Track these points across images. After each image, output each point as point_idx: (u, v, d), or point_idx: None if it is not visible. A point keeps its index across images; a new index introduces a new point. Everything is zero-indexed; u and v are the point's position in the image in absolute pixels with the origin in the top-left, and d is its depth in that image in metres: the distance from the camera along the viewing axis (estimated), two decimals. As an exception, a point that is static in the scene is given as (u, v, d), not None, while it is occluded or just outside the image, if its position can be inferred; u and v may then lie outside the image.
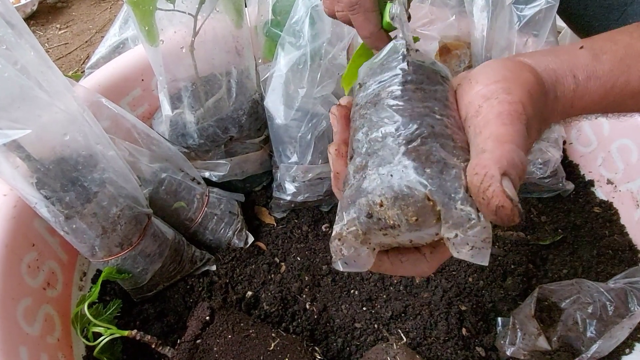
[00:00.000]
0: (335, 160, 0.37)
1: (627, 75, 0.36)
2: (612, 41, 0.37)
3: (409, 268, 0.35)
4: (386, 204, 0.29)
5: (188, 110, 0.74)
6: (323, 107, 0.73)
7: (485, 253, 0.29)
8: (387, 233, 0.30)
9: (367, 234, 0.31)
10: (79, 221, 0.59)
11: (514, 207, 0.27)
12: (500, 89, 0.32)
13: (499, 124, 0.30)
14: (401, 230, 0.30)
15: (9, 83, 0.48)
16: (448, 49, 0.83)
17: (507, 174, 0.28)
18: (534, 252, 0.79)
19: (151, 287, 0.71)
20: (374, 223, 0.30)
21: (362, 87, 0.37)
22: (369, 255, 0.32)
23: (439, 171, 0.29)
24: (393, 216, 0.29)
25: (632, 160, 0.80)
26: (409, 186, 0.29)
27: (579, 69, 0.36)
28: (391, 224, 0.29)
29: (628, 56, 0.36)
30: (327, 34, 0.67)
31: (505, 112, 0.31)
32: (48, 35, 1.64)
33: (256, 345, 0.60)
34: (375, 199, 0.29)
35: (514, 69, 0.34)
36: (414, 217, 0.29)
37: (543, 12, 0.68)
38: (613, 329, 0.62)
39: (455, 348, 0.66)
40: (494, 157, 0.28)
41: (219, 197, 0.81)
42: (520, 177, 0.29)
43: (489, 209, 0.28)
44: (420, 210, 0.29)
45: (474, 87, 0.34)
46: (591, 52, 0.36)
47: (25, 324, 0.58)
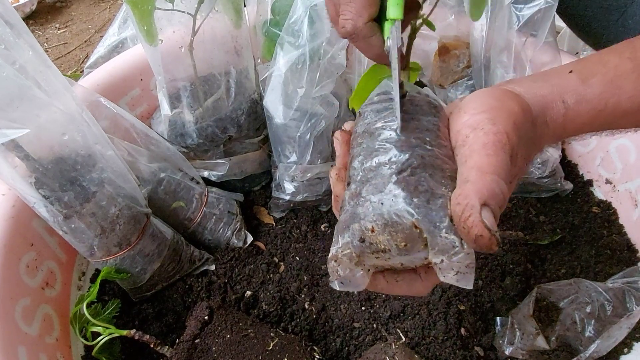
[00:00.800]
0: (336, 184, 0.39)
1: (617, 97, 0.37)
2: (601, 63, 0.38)
3: (405, 288, 0.36)
4: (377, 230, 0.31)
5: (187, 110, 0.74)
6: (322, 107, 0.73)
7: (469, 277, 0.31)
8: (379, 256, 0.32)
9: (360, 256, 0.32)
10: (77, 221, 0.59)
11: (491, 237, 0.29)
12: (485, 119, 0.34)
13: (483, 154, 0.32)
14: (392, 254, 0.32)
15: (8, 83, 0.48)
16: (447, 48, 0.83)
17: (487, 204, 0.30)
18: (532, 251, 0.79)
19: (150, 287, 0.71)
20: (367, 247, 0.32)
21: (362, 116, 0.39)
22: (364, 276, 0.34)
23: (426, 201, 0.31)
24: (384, 241, 0.31)
25: (631, 160, 0.80)
26: (397, 214, 0.31)
27: (568, 93, 0.37)
28: (382, 248, 0.32)
29: (617, 77, 0.37)
30: (326, 33, 0.67)
31: (489, 142, 0.32)
32: (47, 35, 1.64)
33: (255, 345, 0.60)
34: (367, 225, 0.31)
35: (501, 98, 0.36)
36: (402, 243, 0.31)
37: (542, 12, 0.68)
38: (611, 329, 0.62)
39: (453, 348, 0.66)
40: (476, 188, 0.30)
41: (217, 197, 0.81)
42: (500, 206, 0.31)
43: (469, 237, 0.29)
44: (408, 237, 0.31)
45: (462, 116, 0.36)
46: (580, 76, 0.37)
47: (23, 324, 0.58)
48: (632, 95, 0.37)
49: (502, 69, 0.74)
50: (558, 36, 1.09)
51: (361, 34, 0.41)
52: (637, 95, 0.37)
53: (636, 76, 0.37)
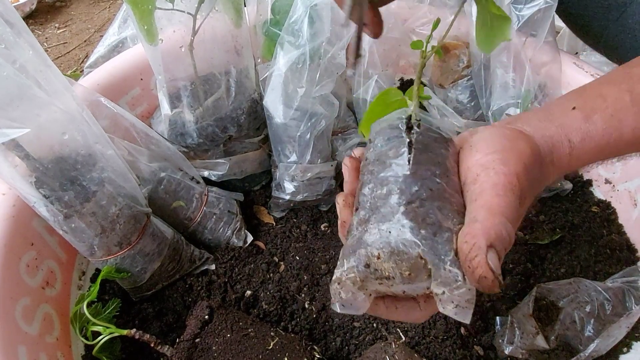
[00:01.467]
0: (343, 210, 0.40)
1: (619, 130, 0.38)
2: (602, 97, 0.39)
3: (403, 315, 0.37)
4: (383, 257, 0.32)
5: (187, 110, 0.74)
6: (322, 107, 0.73)
7: (468, 312, 0.32)
8: (383, 282, 0.33)
9: (364, 281, 0.33)
10: (77, 220, 0.59)
11: (495, 279, 0.30)
12: (497, 160, 0.34)
13: (493, 194, 0.33)
14: (395, 282, 0.33)
15: (8, 82, 0.48)
16: (447, 48, 0.83)
17: (493, 246, 0.30)
18: (532, 251, 0.79)
19: (150, 286, 0.71)
20: (371, 273, 0.33)
21: (373, 143, 0.40)
22: (365, 300, 0.34)
23: (433, 233, 0.32)
24: (388, 269, 0.32)
25: (630, 160, 0.80)
26: (404, 244, 0.31)
27: (573, 133, 0.38)
28: (386, 275, 0.32)
29: (618, 112, 0.38)
30: (326, 33, 0.67)
31: (500, 183, 0.33)
32: (47, 35, 1.64)
33: (255, 344, 0.60)
34: (373, 251, 0.32)
35: (512, 138, 0.37)
36: (407, 272, 0.32)
37: (541, 12, 0.68)
38: (611, 328, 0.62)
39: (453, 347, 0.66)
40: (484, 229, 0.31)
41: (218, 197, 0.81)
42: (505, 248, 0.31)
43: (473, 276, 0.30)
44: (413, 267, 0.32)
45: (474, 155, 0.36)
46: (583, 113, 0.38)
47: (24, 323, 0.58)
48: (634, 127, 0.38)
49: (501, 69, 0.75)
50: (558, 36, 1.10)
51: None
52: (638, 127, 0.38)
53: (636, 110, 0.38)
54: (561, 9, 0.73)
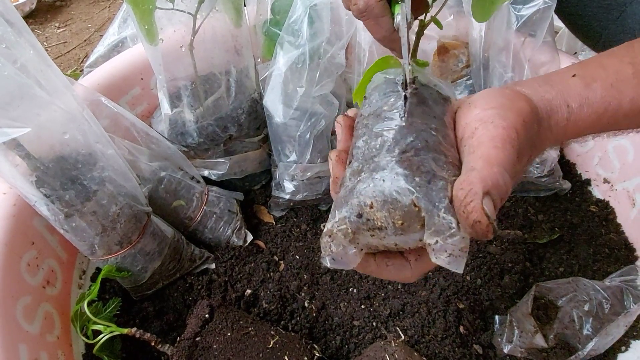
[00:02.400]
0: (335, 165, 0.39)
1: (618, 100, 0.38)
2: (603, 67, 0.40)
3: (394, 272, 0.37)
4: (376, 206, 0.31)
5: (187, 109, 0.74)
6: (322, 106, 0.73)
7: (461, 261, 0.31)
8: (374, 234, 0.32)
9: (355, 233, 0.32)
10: (78, 219, 0.59)
11: (489, 224, 0.29)
12: (496, 114, 0.35)
13: (491, 146, 0.33)
14: (387, 232, 0.32)
15: (9, 81, 0.48)
16: (446, 48, 0.84)
17: (489, 194, 0.30)
18: (531, 250, 0.79)
19: (150, 286, 0.71)
20: (363, 223, 0.32)
21: (368, 99, 0.40)
22: (356, 255, 0.33)
23: (427, 181, 0.31)
24: (381, 218, 0.31)
25: (629, 160, 0.80)
26: (398, 192, 0.31)
27: (572, 98, 0.38)
28: (379, 225, 0.31)
29: (618, 82, 0.38)
30: (325, 33, 0.67)
31: (498, 136, 0.33)
32: (47, 34, 1.64)
33: (255, 343, 0.61)
34: (366, 200, 0.31)
35: (511, 97, 0.37)
36: (400, 221, 0.31)
37: (540, 12, 0.68)
38: (609, 327, 0.62)
39: (453, 346, 0.66)
40: (481, 176, 0.31)
41: (218, 196, 0.81)
42: (502, 198, 0.31)
43: (467, 222, 0.30)
44: (406, 215, 0.31)
45: (472, 110, 0.36)
46: (583, 81, 0.39)
47: (24, 322, 0.58)
48: (633, 98, 0.38)
49: (500, 69, 0.75)
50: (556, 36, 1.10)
51: (372, 12, 0.42)
52: (637, 98, 0.38)
53: (637, 81, 0.38)
54: (560, 9, 0.73)
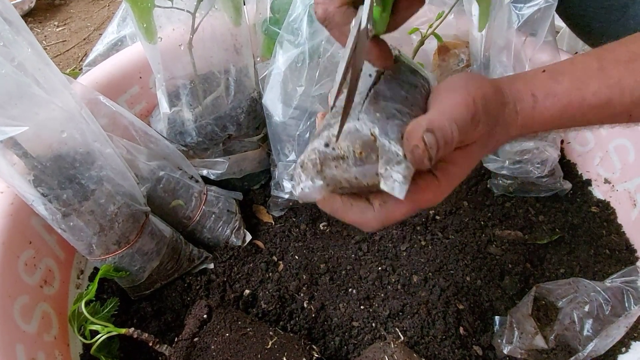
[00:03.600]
0: (320, 121, 0.43)
1: (582, 91, 0.40)
2: (572, 63, 0.43)
3: (357, 213, 0.40)
4: (341, 137, 0.36)
5: (186, 108, 0.74)
6: (321, 106, 0.73)
7: (404, 188, 0.35)
8: (338, 165, 0.36)
9: (322, 164, 0.37)
10: (76, 219, 0.59)
11: (425, 150, 0.34)
12: (460, 86, 0.39)
13: (447, 104, 0.37)
14: (349, 163, 0.36)
15: (7, 80, 0.48)
16: (447, 47, 0.83)
17: (432, 131, 0.34)
18: (531, 251, 0.79)
19: (149, 285, 0.71)
20: (329, 152, 0.36)
21: None
22: (322, 188, 0.38)
23: (386, 118, 0.36)
24: (344, 147, 0.36)
25: (630, 160, 0.80)
26: (360, 125, 0.36)
27: (537, 88, 0.42)
28: (342, 154, 0.36)
29: (584, 75, 0.41)
30: (325, 31, 0.67)
31: (455, 99, 0.38)
32: (45, 33, 1.63)
33: (254, 343, 0.60)
34: (333, 132, 0.36)
35: (479, 79, 0.41)
36: (359, 150, 0.35)
37: (541, 12, 0.68)
38: (609, 328, 0.62)
39: (452, 347, 0.66)
40: (429, 118, 0.36)
41: (217, 196, 0.81)
42: (446, 142, 0.35)
43: (407, 147, 0.35)
44: (364, 145, 0.35)
45: (442, 85, 0.41)
46: (550, 75, 0.42)
47: (22, 322, 0.58)
48: (596, 91, 0.40)
49: (501, 68, 0.74)
50: (557, 35, 1.10)
51: (333, 20, 0.40)
52: (601, 91, 0.40)
53: (601, 74, 0.41)
54: (562, 9, 0.73)
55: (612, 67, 0.41)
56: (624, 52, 0.41)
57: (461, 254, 0.77)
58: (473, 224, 0.82)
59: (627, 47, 0.42)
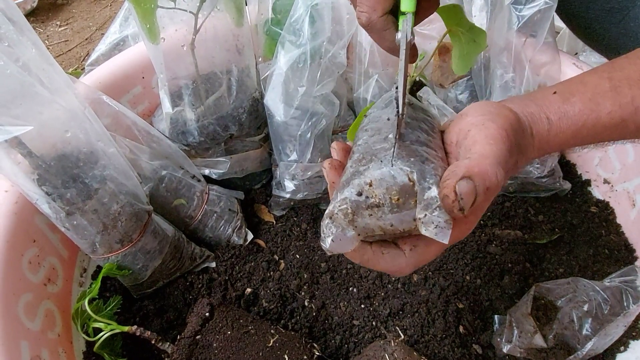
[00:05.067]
0: (329, 172, 0.42)
1: (596, 112, 0.41)
2: (582, 83, 0.43)
3: (389, 261, 0.39)
4: (375, 184, 0.35)
5: (188, 108, 0.74)
6: (323, 106, 0.73)
7: (447, 232, 0.34)
8: (372, 213, 0.35)
9: (354, 213, 0.35)
10: (79, 218, 0.59)
11: (455, 201, 0.33)
12: (487, 119, 0.38)
13: (485, 143, 0.36)
14: (384, 210, 0.35)
15: (11, 80, 0.48)
16: (447, 48, 0.84)
17: (470, 177, 0.33)
18: (531, 251, 0.79)
19: (151, 284, 0.71)
20: (363, 202, 0.35)
21: (367, 117, 0.44)
22: (354, 238, 0.36)
23: (421, 162, 0.36)
24: (379, 195, 0.34)
25: (629, 161, 0.80)
26: (395, 170, 0.35)
27: (551, 111, 0.42)
28: (377, 202, 0.35)
29: (596, 95, 0.41)
30: (326, 32, 0.67)
31: (491, 135, 0.37)
32: (48, 32, 1.64)
33: (255, 341, 0.61)
34: (366, 179, 0.35)
35: (498, 107, 0.41)
36: (396, 197, 0.34)
37: (541, 13, 0.68)
38: (608, 327, 0.62)
39: (452, 345, 0.66)
40: (469, 164, 0.34)
41: (218, 195, 0.81)
42: (489, 187, 0.34)
43: (440, 195, 0.34)
44: (401, 190, 0.34)
45: (464, 118, 0.40)
46: (562, 96, 0.42)
47: (26, 319, 0.59)
48: (611, 111, 0.41)
49: (501, 69, 0.75)
50: (557, 36, 1.10)
51: (375, 27, 0.44)
52: (615, 110, 0.41)
53: (613, 94, 0.41)
54: (562, 10, 0.73)
55: (624, 86, 0.41)
56: (634, 70, 0.42)
57: (461, 253, 0.78)
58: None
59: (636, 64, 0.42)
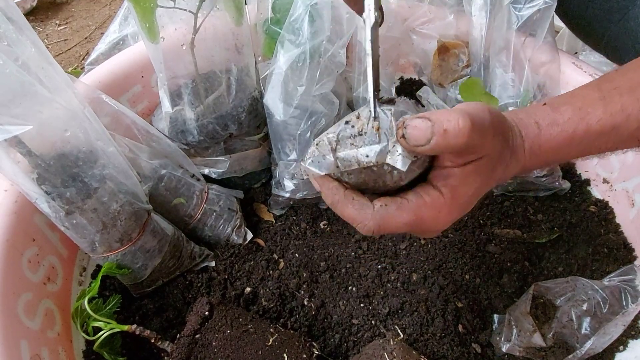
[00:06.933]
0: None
1: (586, 120, 0.42)
2: (572, 95, 0.44)
3: (356, 208, 0.42)
4: (362, 115, 0.41)
5: (188, 107, 0.74)
6: (322, 105, 0.73)
7: (406, 162, 0.39)
8: (354, 142, 0.40)
9: (338, 143, 0.41)
10: (79, 217, 0.59)
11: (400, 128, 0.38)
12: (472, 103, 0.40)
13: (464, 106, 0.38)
14: (364, 140, 0.40)
15: (10, 79, 0.48)
16: (447, 48, 0.84)
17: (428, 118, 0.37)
18: (530, 250, 0.79)
19: (150, 283, 0.71)
20: (348, 130, 0.40)
21: None
22: (331, 164, 0.41)
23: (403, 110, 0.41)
24: (363, 122, 0.40)
25: (628, 160, 0.80)
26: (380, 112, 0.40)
27: (540, 118, 0.43)
28: (359, 130, 0.40)
29: (586, 105, 0.42)
30: (326, 31, 0.67)
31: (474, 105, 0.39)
32: (47, 32, 1.64)
33: (255, 340, 0.61)
34: (355, 113, 0.41)
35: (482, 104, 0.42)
36: (377, 126, 0.40)
37: (541, 12, 0.68)
38: (607, 326, 0.62)
39: (451, 344, 0.67)
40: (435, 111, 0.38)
41: (218, 194, 0.81)
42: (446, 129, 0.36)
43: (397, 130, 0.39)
44: (381, 122, 0.40)
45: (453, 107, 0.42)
46: (552, 106, 0.44)
47: (25, 318, 0.59)
48: (601, 118, 0.42)
49: (501, 69, 0.75)
50: (557, 36, 1.10)
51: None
52: (605, 118, 0.41)
53: (603, 102, 0.42)
54: (562, 10, 0.73)
55: (614, 95, 0.42)
56: (624, 81, 0.42)
57: (460, 253, 0.78)
58: (472, 222, 0.83)
59: (626, 75, 0.43)
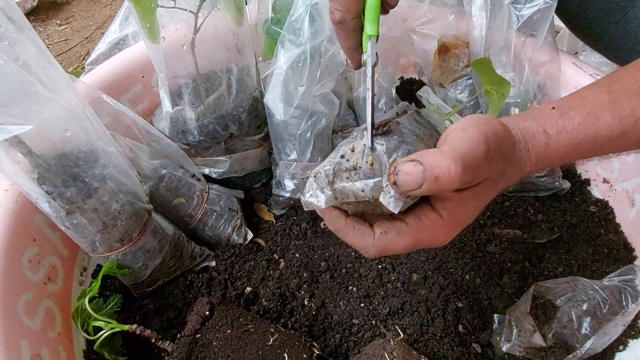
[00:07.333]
0: None
1: (595, 126, 0.41)
2: (581, 98, 0.43)
3: (357, 236, 0.42)
4: (356, 148, 0.41)
5: (188, 107, 0.74)
6: (322, 105, 0.73)
7: (399, 204, 0.38)
8: (350, 176, 0.40)
9: (335, 176, 0.41)
10: (79, 216, 0.59)
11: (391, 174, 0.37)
12: (470, 125, 0.39)
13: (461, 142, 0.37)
14: (359, 174, 0.40)
15: (11, 79, 0.48)
16: (447, 48, 0.84)
17: (420, 162, 0.36)
18: (530, 250, 0.79)
19: (151, 283, 0.71)
20: (343, 164, 0.41)
21: None
22: (330, 198, 0.41)
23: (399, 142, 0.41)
24: (358, 157, 0.40)
25: (628, 160, 0.80)
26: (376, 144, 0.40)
27: (549, 126, 0.42)
28: (354, 164, 0.40)
29: (595, 109, 0.41)
30: (326, 31, 0.67)
31: (467, 136, 0.38)
32: (48, 32, 1.64)
33: (255, 340, 0.61)
34: (350, 146, 0.41)
35: (487, 118, 0.42)
36: (370, 161, 0.40)
37: (541, 12, 0.68)
38: (607, 326, 0.62)
39: (451, 344, 0.67)
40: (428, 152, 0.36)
41: (218, 194, 0.81)
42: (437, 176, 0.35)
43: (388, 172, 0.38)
44: (376, 158, 0.40)
45: (450, 127, 0.42)
46: (560, 111, 0.43)
47: (26, 318, 0.59)
48: (611, 124, 0.41)
49: (501, 69, 0.75)
50: (557, 36, 1.10)
51: (346, 27, 0.49)
52: (615, 123, 0.41)
53: (613, 107, 0.41)
54: (562, 10, 0.73)
55: (623, 98, 0.41)
56: (633, 82, 0.42)
57: (460, 253, 0.78)
58: (472, 222, 0.82)
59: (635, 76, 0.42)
